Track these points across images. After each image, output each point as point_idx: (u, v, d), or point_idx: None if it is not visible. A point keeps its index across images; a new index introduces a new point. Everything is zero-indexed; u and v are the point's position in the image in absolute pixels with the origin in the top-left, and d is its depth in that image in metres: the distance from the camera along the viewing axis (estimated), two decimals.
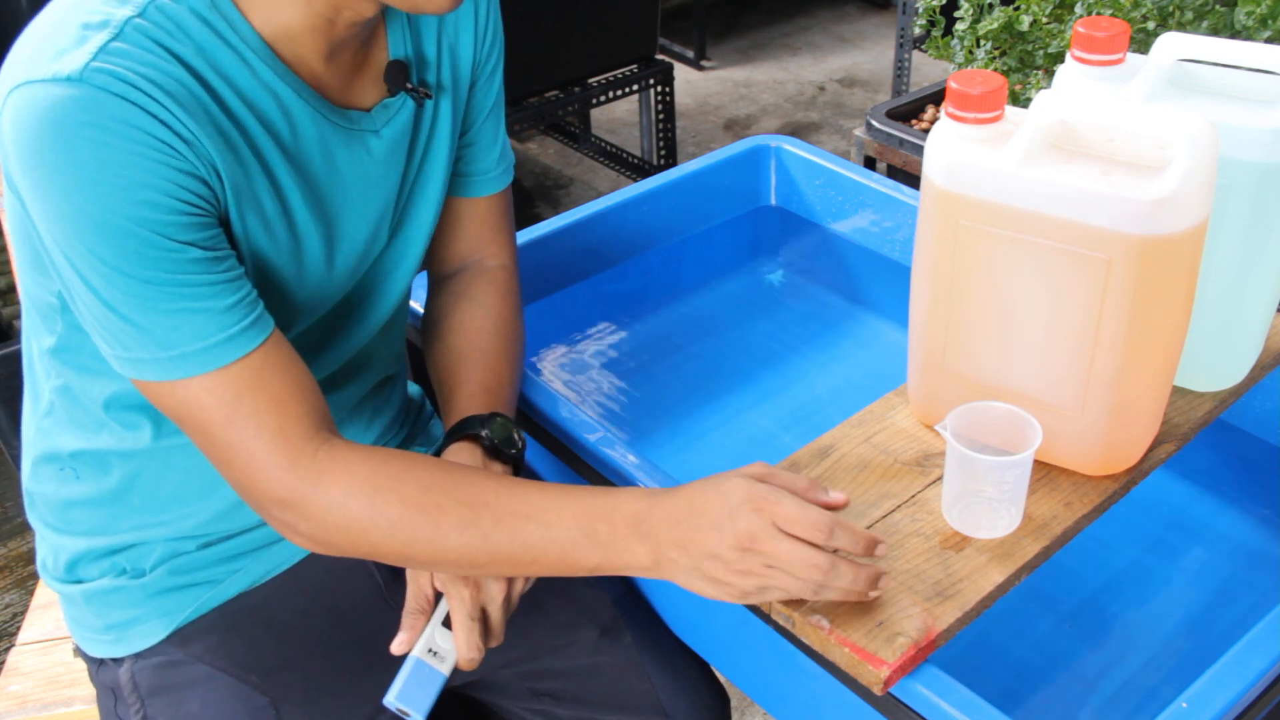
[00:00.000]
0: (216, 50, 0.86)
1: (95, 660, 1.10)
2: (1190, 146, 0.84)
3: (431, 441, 1.25)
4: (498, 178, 1.15)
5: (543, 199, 3.29)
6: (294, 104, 0.91)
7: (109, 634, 1.07)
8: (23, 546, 2.17)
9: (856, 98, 3.86)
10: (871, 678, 0.84)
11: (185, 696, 1.03)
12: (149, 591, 1.06)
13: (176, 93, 0.82)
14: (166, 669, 1.05)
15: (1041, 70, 1.84)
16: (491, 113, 1.12)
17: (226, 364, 0.86)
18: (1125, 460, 0.99)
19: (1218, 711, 0.81)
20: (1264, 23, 1.62)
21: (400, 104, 0.99)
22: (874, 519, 0.96)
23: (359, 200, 0.98)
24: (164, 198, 0.82)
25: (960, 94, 0.90)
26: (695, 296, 1.57)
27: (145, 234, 0.81)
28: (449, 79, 1.04)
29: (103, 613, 1.07)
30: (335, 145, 0.95)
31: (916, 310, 1.01)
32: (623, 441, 1.07)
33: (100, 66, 0.80)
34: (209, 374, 0.86)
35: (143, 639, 1.06)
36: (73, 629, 1.11)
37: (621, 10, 2.94)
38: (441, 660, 0.95)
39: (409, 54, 1.00)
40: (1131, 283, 0.87)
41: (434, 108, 1.04)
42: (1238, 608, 1.13)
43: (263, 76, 0.89)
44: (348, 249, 0.99)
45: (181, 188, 0.83)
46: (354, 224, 0.99)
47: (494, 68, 1.10)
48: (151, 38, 0.83)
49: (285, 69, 0.90)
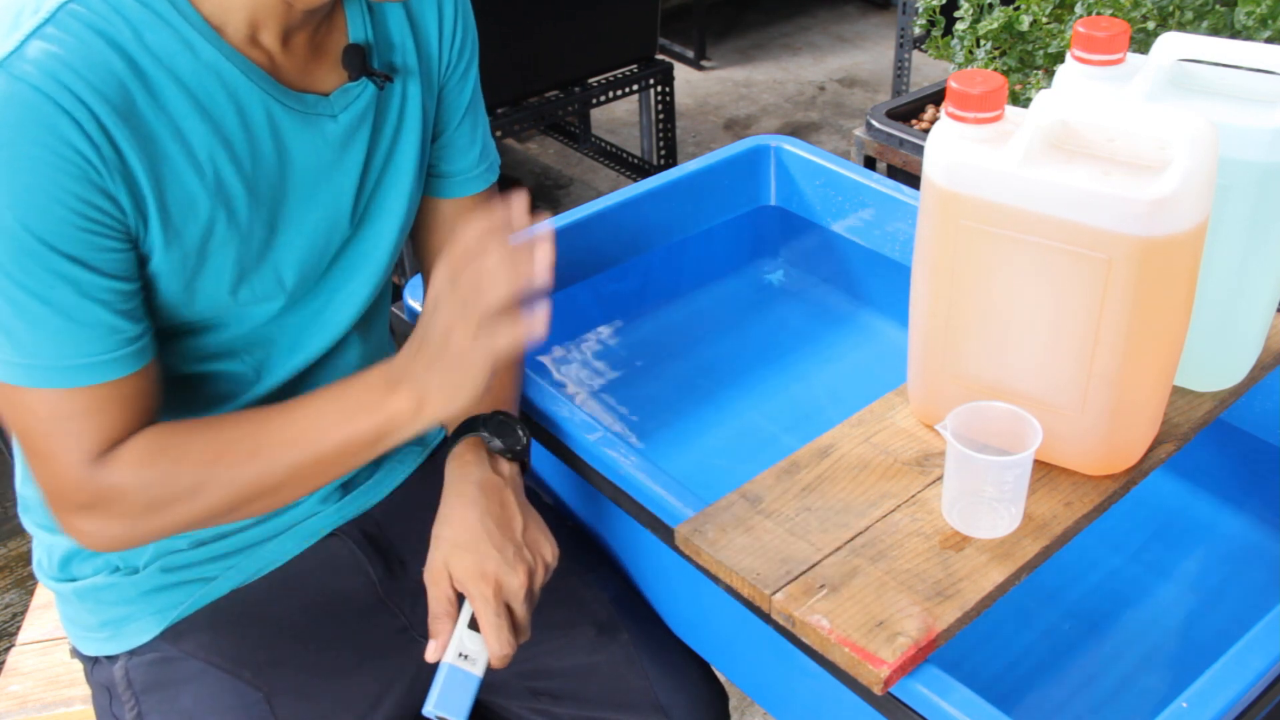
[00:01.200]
0: (156, 33, 0.84)
1: (90, 659, 1.10)
2: (1190, 146, 0.84)
3: (424, 441, 1.25)
4: (479, 177, 1.14)
5: (543, 199, 3.29)
6: (241, 86, 0.90)
7: (103, 631, 1.07)
8: (23, 546, 2.17)
9: (856, 98, 3.86)
10: (871, 677, 0.84)
11: (179, 692, 1.03)
12: (142, 589, 1.06)
13: (104, 87, 0.81)
14: (160, 665, 1.05)
15: (1041, 70, 1.84)
16: (468, 112, 1.11)
17: (75, 387, 0.86)
18: (1125, 460, 0.99)
19: (1218, 711, 0.81)
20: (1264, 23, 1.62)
21: (361, 89, 0.98)
22: (874, 519, 0.96)
23: (309, 185, 0.97)
24: (64, 210, 0.80)
25: (960, 94, 0.90)
26: (695, 296, 1.57)
27: (32, 241, 0.80)
28: (416, 63, 1.03)
29: (97, 610, 1.07)
30: (287, 128, 0.94)
31: (916, 310, 1.01)
32: (623, 441, 1.07)
33: (27, 56, 0.78)
34: (53, 390, 0.85)
35: (136, 636, 1.06)
36: (68, 629, 1.11)
37: (621, 10, 2.94)
38: (473, 663, 0.95)
39: (369, 38, 0.99)
40: (1131, 283, 0.87)
41: (402, 93, 1.02)
42: (1237, 607, 1.13)
43: (207, 58, 0.87)
44: (295, 236, 0.97)
45: (85, 202, 0.81)
46: (303, 209, 0.97)
47: (466, 67, 1.09)
48: (86, 24, 0.81)
49: (232, 50, 0.89)
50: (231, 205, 0.92)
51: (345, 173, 0.99)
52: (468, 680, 0.95)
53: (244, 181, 0.92)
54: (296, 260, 0.99)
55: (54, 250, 0.81)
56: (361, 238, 1.04)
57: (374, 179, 1.03)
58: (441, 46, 1.05)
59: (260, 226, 0.95)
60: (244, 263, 0.94)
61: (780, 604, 0.89)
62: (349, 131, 0.98)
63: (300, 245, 0.98)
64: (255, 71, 0.90)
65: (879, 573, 0.91)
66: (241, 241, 0.93)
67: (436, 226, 1.14)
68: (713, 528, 0.96)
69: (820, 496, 0.99)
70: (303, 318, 1.03)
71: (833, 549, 0.93)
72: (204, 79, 0.88)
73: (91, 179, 0.81)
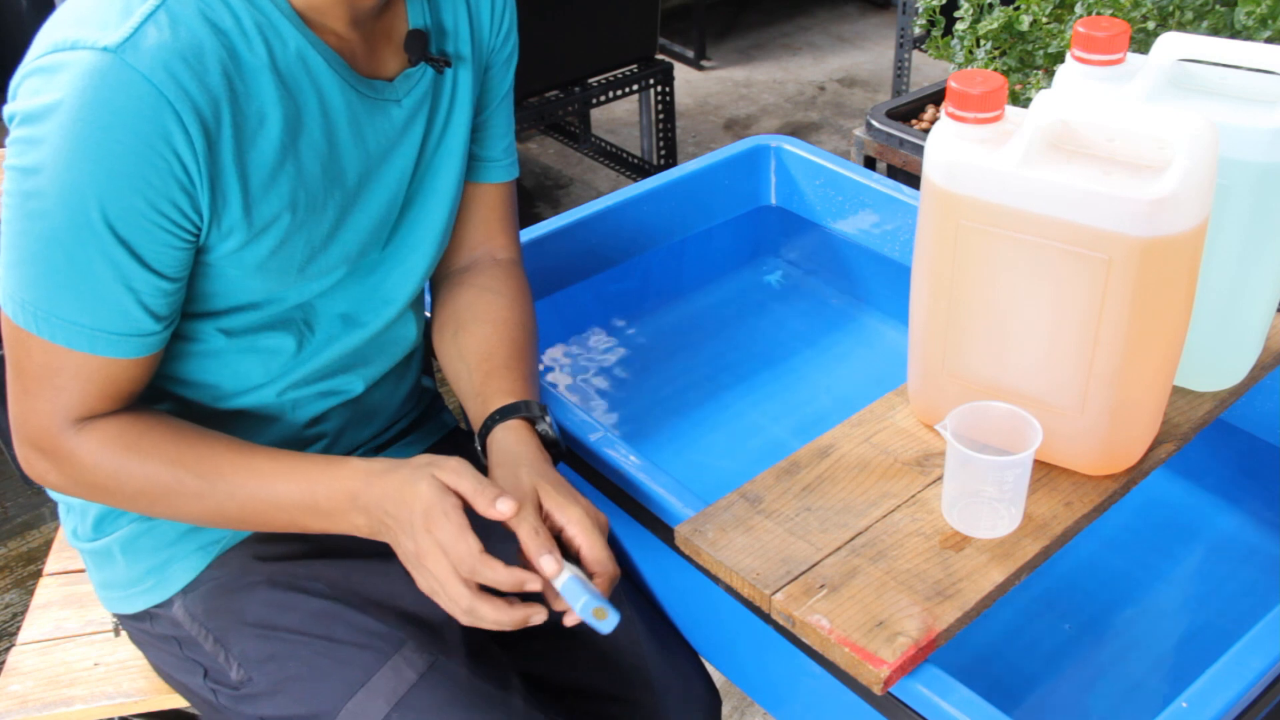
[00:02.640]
0: (253, 19, 0.88)
1: (144, 617, 1.11)
2: (1190, 146, 0.84)
3: (441, 428, 1.25)
4: (506, 167, 1.17)
5: (543, 199, 3.29)
6: (324, 74, 0.93)
7: (149, 579, 1.08)
8: (23, 547, 2.17)
9: (856, 98, 3.86)
10: (871, 677, 0.84)
11: (245, 605, 1.05)
12: (181, 528, 1.07)
13: (210, 80, 0.84)
14: (216, 593, 1.07)
15: (1041, 70, 1.84)
16: (505, 99, 1.14)
17: (75, 349, 0.89)
18: (1125, 460, 0.99)
19: (1218, 711, 0.81)
20: (1264, 23, 1.62)
21: (421, 73, 1.02)
22: (874, 519, 0.96)
23: (377, 168, 1.00)
24: (142, 202, 0.84)
25: (960, 94, 0.90)
26: (695, 296, 1.57)
27: (99, 219, 0.84)
28: (469, 50, 1.06)
29: (139, 559, 1.08)
30: (361, 114, 0.97)
31: (916, 310, 1.01)
32: (623, 441, 1.07)
33: (141, 44, 0.81)
34: (54, 345, 0.89)
35: (183, 575, 1.08)
36: (107, 596, 1.12)
37: (621, 10, 2.94)
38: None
39: (427, 24, 1.02)
40: (1131, 283, 0.87)
41: (454, 77, 1.05)
42: (1238, 608, 1.13)
43: (295, 46, 0.90)
44: (362, 217, 1.01)
45: (166, 199, 0.85)
46: (373, 191, 1.01)
47: (509, 55, 1.12)
48: (196, 9, 0.84)
49: (316, 38, 0.92)
50: (311, 190, 0.95)
51: (404, 154, 1.03)
52: (588, 583, 0.91)
53: (321, 166, 0.95)
54: (359, 240, 1.02)
55: (114, 234, 0.85)
56: (416, 217, 1.07)
57: (428, 159, 1.06)
58: (492, 29, 1.09)
59: (333, 209, 0.98)
60: (313, 244, 0.97)
61: (780, 604, 0.89)
62: (410, 115, 1.02)
63: (365, 225, 1.02)
64: (335, 59, 0.94)
65: (879, 573, 0.91)
66: (316, 224, 0.97)
67: (461, 209, 1.16)
68: (713, 528, 0.96)
69: (820, 496, 0.99)
70: (360, 292, 1.05)
71: (833, 549, 0.93)
72: (292, 66, 0.91)
73: (178, 178, 0.85)
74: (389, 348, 1.11)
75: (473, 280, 1.14)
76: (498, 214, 1.17)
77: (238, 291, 0.97)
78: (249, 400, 1.04)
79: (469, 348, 1.09)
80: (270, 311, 1.00)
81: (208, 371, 1.01)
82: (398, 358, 1.13)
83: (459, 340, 1.11)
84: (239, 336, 1.00)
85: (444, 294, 1.16)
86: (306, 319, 1.03)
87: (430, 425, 1.24)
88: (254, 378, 1.03)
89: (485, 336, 1.10)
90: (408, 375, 1.18)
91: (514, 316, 1.12)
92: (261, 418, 1.06)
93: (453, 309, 1.13)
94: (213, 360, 1.01)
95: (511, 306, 1.12)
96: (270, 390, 1.04)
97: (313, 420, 1.08)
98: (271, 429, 1.06)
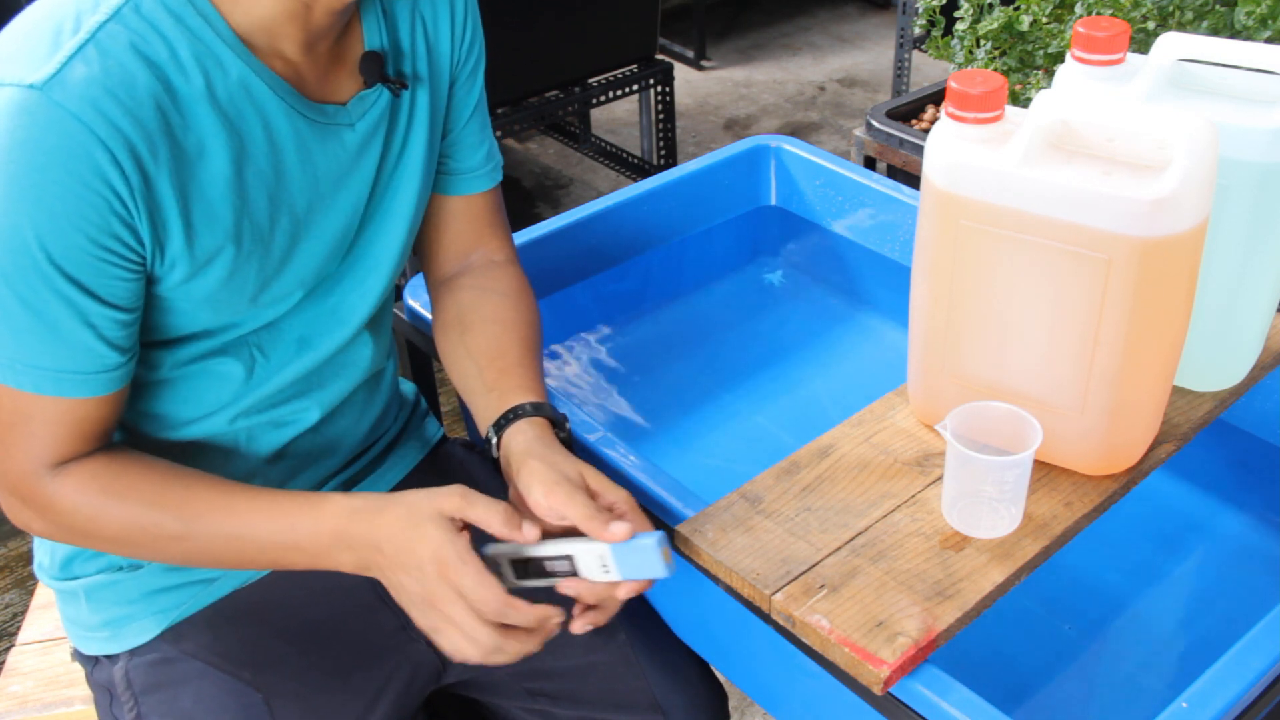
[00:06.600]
0: (189, 50, 0.85)
1: (91, 659, 1.10)
2: (1190, 146, 0.84)
3: (425, 439, 1.24)
4: (486, 175, 1.15)
5: (543, 199, 3.29)
6: (268, 101, 0.91)
7: (105, 630, 1.07)
8: (23, 546, 2.17)
9: (856, 98, 3.86)
10: (871, 677, 0.84)
11: (179, 693, 1.03)
12: (144, 588, 1.06)
13: (141, 113, 0.82)
14: (160, 666, 1.05)
15: (1041, 70, 1.84)
16: (475, 112, 1.12)
17: (43, 394, 0.87)
18: (1125, 460, 0.99)
19: (1218, 711, 0.81)
20: (1264, 23, 1.62)
21: (376, 95, 0.99)
22: (874, 519, 0.96)
23: (329, 194, 0.98)
24: (83, 238, 0.82)
25: (960, 94, 0.90)
26: (695, 296, 1.57)
27: (43, 259, 0.82)
28: (426, 69, 1.04)
29: (99, 608, 1.07)
30: (310, 140, 0.95)
31: (916, 310, 1.01)
32: (623, 441, 1.07)
33: (68, 81, 0.79)
34: (19, 391, 0.87)
35: (137, 635, 1.06)
36: (69, 629, 1.11)
37: (621, 10, 2.94)
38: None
39: (384, 45, 1.00)
40: (1131, 283, 0.87)
41: (411, 99, 1.03)
42: (1237, 608, 1.13)
43: (236, 74, 0.88)
44: (315, 244, 0.99)
45: (106, 233, 0.83)
46: (326, 217, 0.99)
47: (474, 67, 1.10)
48: (126, 44, 0.82)
49: (260, 65, 0.89)
50: (256, 220, 0.93)
51: (360, 177, 1.00)
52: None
53: (268, 196, 0.93)
54: (314, 265, 1.00)
55: (61, 273, 0.83)
56: (368, 239, 1.05)
57: (384, 182, 1.04)
58: (454, 44, 1.06)
59: (283, 237, 0.96)
60: (265, 273, 0.96)
61: (780, 604, 0.89)
62: (365, 138, 0.99)
63: (319, 251, 1.00)
64: (281, 85, 0.91)
65: (879, 573, 0.91)
66: (264, 254, 0.95)
67: (443, 223, 1.15)
68: (713, 528, 0.96)
69: (820, 496, 0.99)
70: (314, 315, 1.03)
71: (833, 549, 0.93)
72: (234, 95, 0.88)
73: (117, 211, 0.83)
74: (344, 371, 1.09)
75: (474, 282, 1.14)
76: (487, 219, 1.16)
77: (189, 322, 0.95)
78: (200, 430, 1.02)
79: (478, 347, 1.08)
80: (223, 339, 0.98)
81: (159, 400, 0.99)
82: (355, 381, 1.11)
83: (466, 340, 1.10)
84: (189, 364, 0.99)
85: (444, 298, 1.15)
86: (260, 344, 1.01)
87: (408, 446, 1.22)
88: (205, 405, 1.01)
89: (495, 335, 1.09)
90: (373, 404, 1.16)
91: (522, 316, 1.11)
92: (215, 449, 1.04)
93: (456, 311, 1.13)
94: (164, 388, 0.99)
95: (518, 307, 1.12)
96: (221, 419, 1.02)
97: (272, 455, 1.06)
98: (228, 464, 1.05)
